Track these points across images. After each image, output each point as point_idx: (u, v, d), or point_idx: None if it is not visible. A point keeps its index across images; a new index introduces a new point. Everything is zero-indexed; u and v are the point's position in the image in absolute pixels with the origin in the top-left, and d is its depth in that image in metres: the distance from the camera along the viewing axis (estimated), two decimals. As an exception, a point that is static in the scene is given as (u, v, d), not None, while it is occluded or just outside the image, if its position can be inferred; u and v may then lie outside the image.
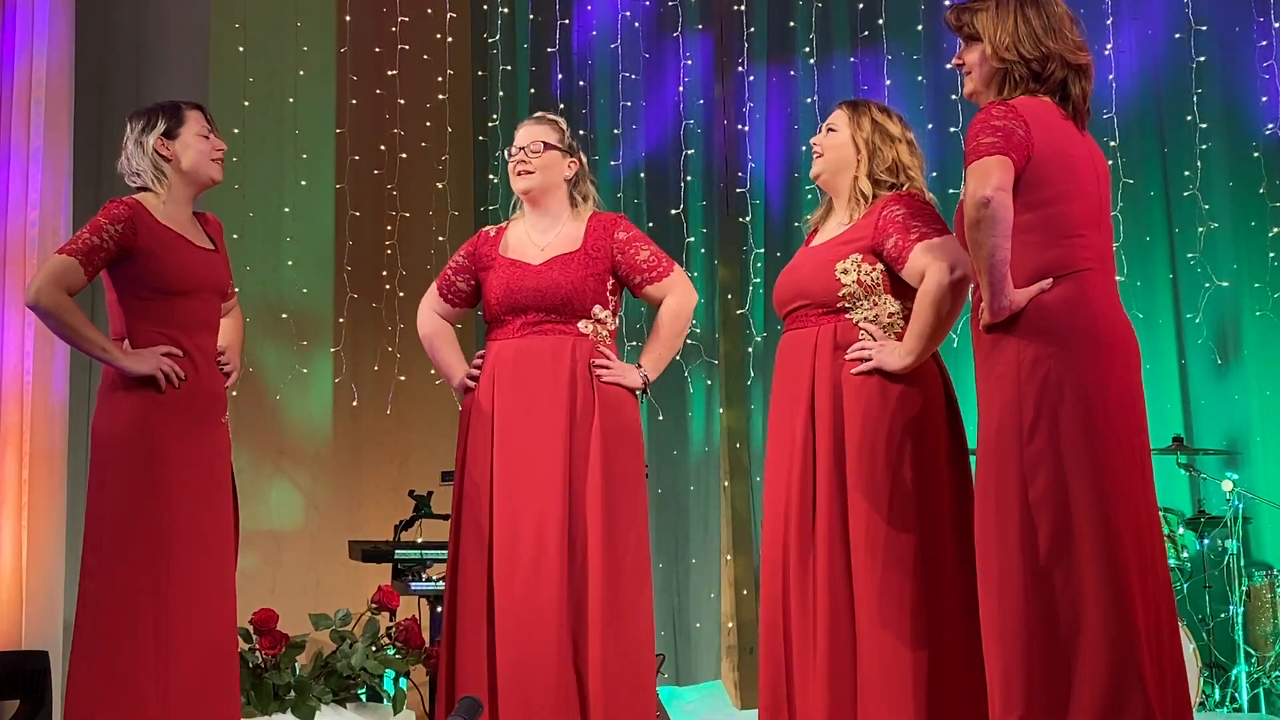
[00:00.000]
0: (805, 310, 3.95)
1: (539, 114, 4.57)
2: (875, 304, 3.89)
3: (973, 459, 3.74)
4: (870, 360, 3.82)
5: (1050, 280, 3.36)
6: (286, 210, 6.88)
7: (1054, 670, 3.25)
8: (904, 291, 3.89)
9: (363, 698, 5.61)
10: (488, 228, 4.53)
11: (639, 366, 4.35)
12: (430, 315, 4.49)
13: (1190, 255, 6.95)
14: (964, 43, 3.58)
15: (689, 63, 7.52)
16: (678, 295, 4.39)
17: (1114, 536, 3.26)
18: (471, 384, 4.31)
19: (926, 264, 3.76)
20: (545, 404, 4.19)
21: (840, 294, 3.89)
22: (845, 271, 3.89)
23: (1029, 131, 3.34)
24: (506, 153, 4.45)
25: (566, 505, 4.14)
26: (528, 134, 4.40)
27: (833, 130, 4.07)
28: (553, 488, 4.14)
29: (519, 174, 4.36)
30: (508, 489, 4.17)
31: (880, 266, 3.88)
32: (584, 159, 4.48)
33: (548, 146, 4.37)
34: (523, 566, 4.11)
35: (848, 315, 3.89)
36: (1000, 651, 3.31)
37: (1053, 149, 3.38)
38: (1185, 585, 6.49)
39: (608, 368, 4.27)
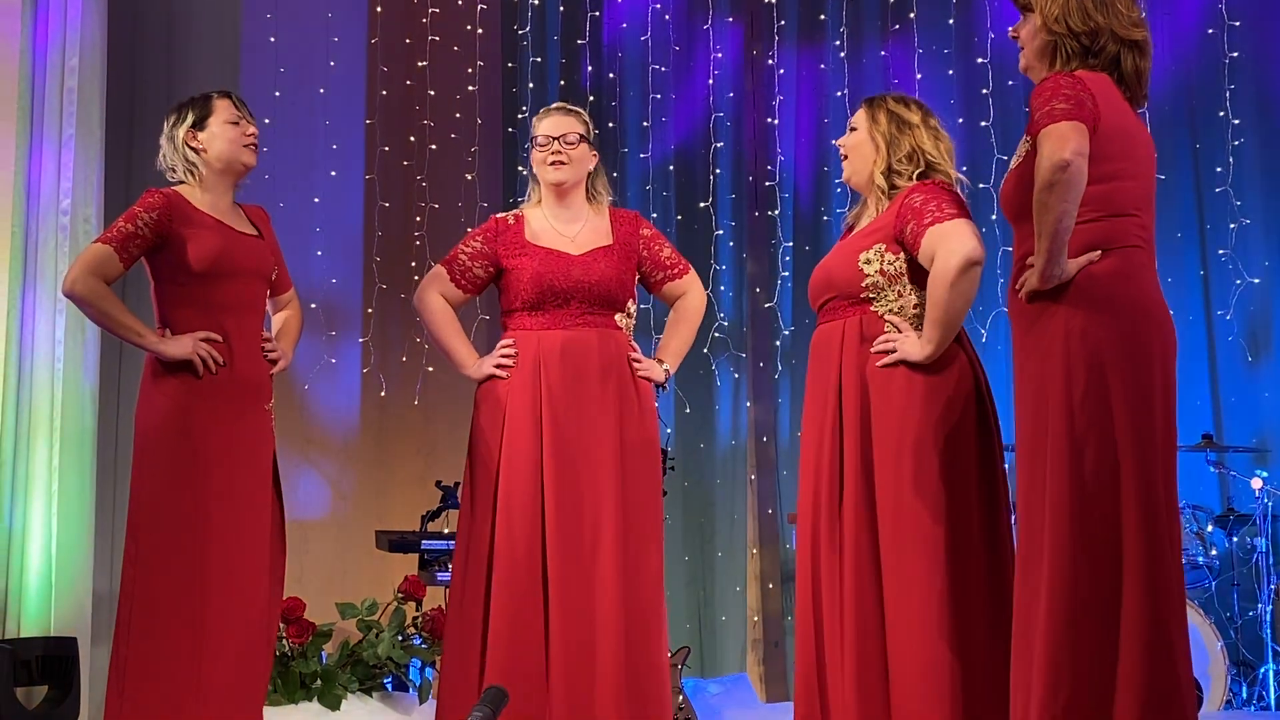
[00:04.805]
0: (834, 302, 3.95)
1: (562, 104, 4.51)
2: (900, 294, 3.88)
3: (1008, 453, 3.72)
4: (894, 352, 3.81)
5: (1099, 252, 3.32)
6: (316, 200, 6.89)
7: (1102, 648, 3.22)
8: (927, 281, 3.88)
9: (388, 687, 5.63)
10: (503, 215, 4.46)
11: (660, 361, 4.39)
12: (437, 299, 4.39)
13: (1221, 251, 6.92)
14: (1021, 15, 3.56)
15: (719, 55, 7.51)
16: (697, 293, 4.48)
17: (1157, 512, 3.24)
18: (501, 373, 4.25)
19: (935, 248, 3.73)
20: (595, 396, 4.20)
21: (864, 284, 3.88)
22: (868, 261, 3.88)
23: (1095, 104, 3.31)
24: (533, 140, 4.40)
25: (620, 496, 4.16)
26: (560, 124, 4.35)
27: (854, 130, 4.08)
28: (607, 479, 4.15)
29: (555, 165, 4.32)
30: (563, 479, 4.15)
31: (903, 256, 3.86)
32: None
33: (581, 138, 4.36)
34: (583, 556, 4.12)
35: (872, 306, 3.88)
36: (1047, 631, 3.25)
37: (1115, 125, 3.35)
38: (1213, 583, 6.46)
39: (639, 361, 4.30)
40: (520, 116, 7.40)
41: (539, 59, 7.52)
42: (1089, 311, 3.29)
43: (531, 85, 7.41)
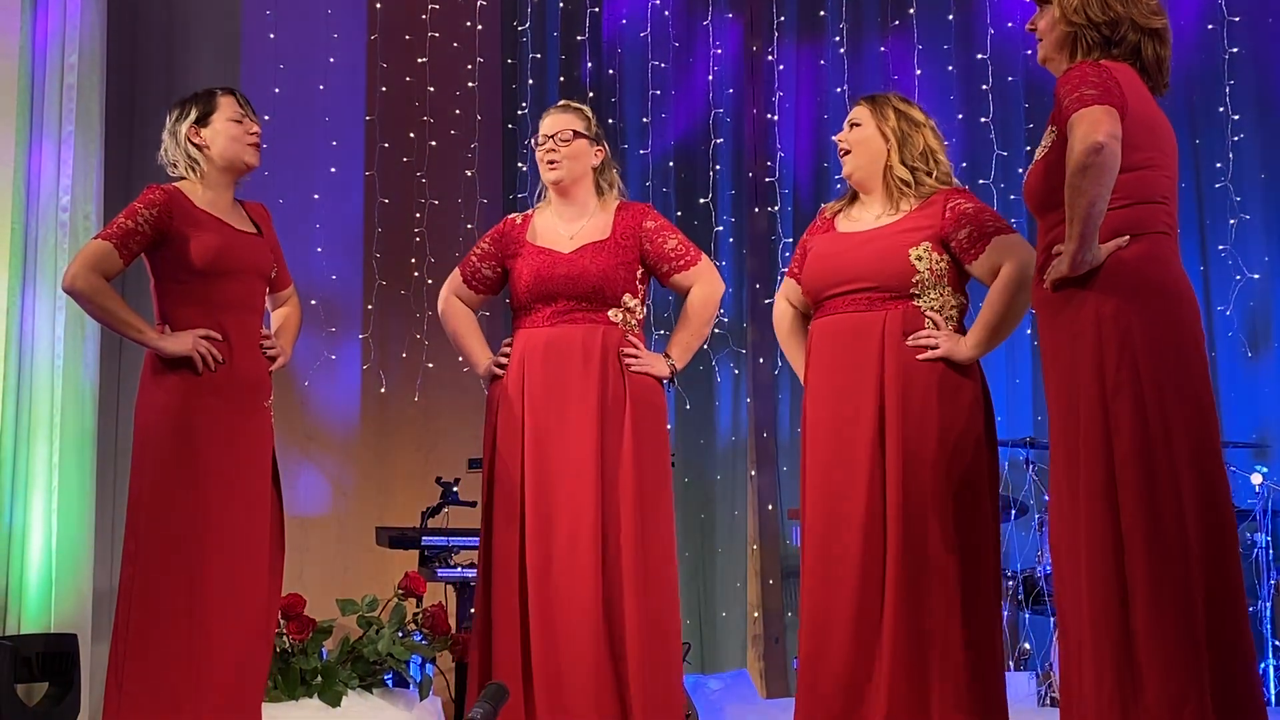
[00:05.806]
0: (868, 293, 3.94)
1: (563, 102, 4.55)
2: (941, 294, 3.92)
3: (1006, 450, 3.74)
4: (938, 348, 3.85)
5: (1128, 237, 3.32)
6: (316, 197, 6.88)
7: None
8: (964, 286, 3.97)
9: (389, 683, 5.63)
10: (513, 215, 4.53)
11: (666, 355, 4.36)
12: (453, 301, 4.47)
13: (1221, 247, 6.92)
14: (1038, 7, 3.56)
15: (718, 51, 7.51)
16: (705, 284, 4.40)
17: (1195, 495, 3.23)
18: (499, 371, 4.31)
19: (1005, 258, 3.82)
20: (576, 392, 4.20)
21: (914, 280, 3.91)
22: (920, 258, 3.91)
23: (1122, 93, 3.30)
24: (532, 141, 4.44)
25: (599, 493, 4.15)
26: (555, 122, 4.38)
27: (857, 125, 4.08)
28: (585, 476, 4.15)
29: (550, 164, 4.35)
30: (540, 477, 4.17)
31: (947, 257, 3.92)
32: (607, 146, 4.48)
33: (577, 135, 4.36)
34: (558, 554, 4.13)
35: (915, 302, 3.91)
36: (1091, 624, 3.24)
37: (1142, 114, 3.34)
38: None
39: (636, 357, 4.27)
40: (520, 113, 7.40)
41: (539, 55, 7.52)
42: (1120, 296, 3.29)
43: (531, 81, 7.41)
